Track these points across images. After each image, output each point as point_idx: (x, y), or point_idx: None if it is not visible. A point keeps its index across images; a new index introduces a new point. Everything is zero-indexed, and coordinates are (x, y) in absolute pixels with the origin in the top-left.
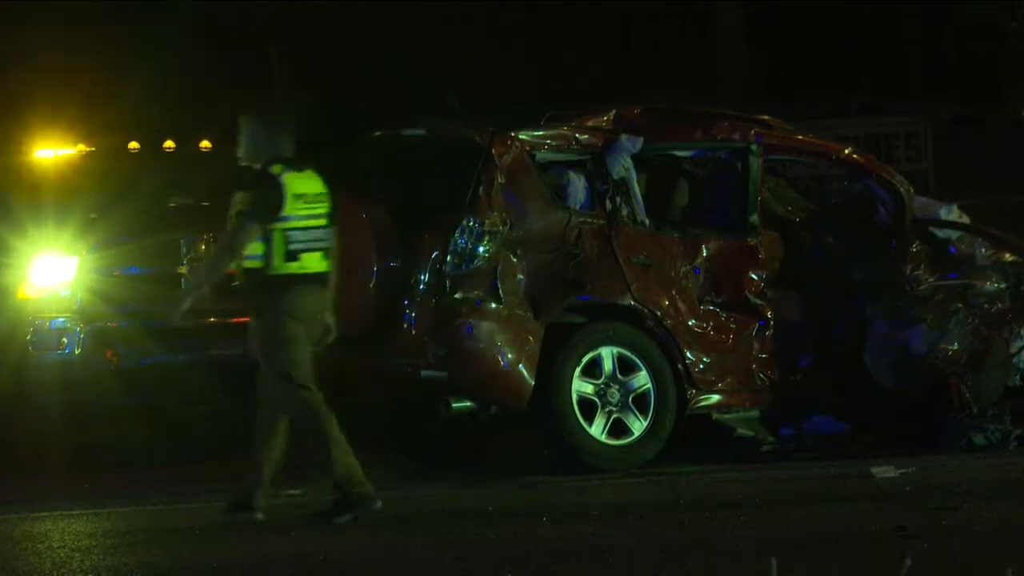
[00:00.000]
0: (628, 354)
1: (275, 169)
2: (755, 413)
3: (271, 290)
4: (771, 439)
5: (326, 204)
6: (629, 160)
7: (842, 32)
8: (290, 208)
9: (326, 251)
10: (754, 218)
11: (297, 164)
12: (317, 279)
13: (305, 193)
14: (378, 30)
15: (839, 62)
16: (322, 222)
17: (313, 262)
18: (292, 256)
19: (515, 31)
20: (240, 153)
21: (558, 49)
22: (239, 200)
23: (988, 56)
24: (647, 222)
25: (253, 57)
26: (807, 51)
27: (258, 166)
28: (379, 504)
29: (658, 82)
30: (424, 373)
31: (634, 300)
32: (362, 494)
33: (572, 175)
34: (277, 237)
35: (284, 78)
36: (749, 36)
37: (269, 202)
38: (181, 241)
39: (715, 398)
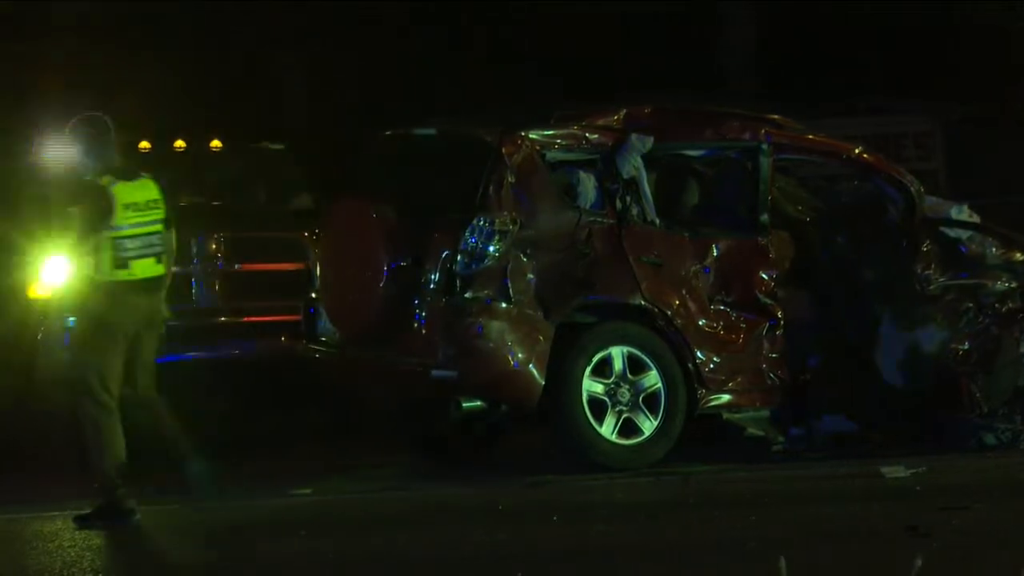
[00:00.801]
0: (638, 353)
1: (103, 180)
2: (765, 413)
3: (97, 297)
4: (781, 439)
5: (160, 210)
6: (639, 159)
7: (844, 32)
8: (120, 218)
9: (159, 256)
10: (764, 217)
11: (129, 173)
12: (145, 285)
13: (136, 202)
14: (378, 30)
15: (842, 62)
16: (156, 228)
17: (143, 268)
18: (122, 264)
19: (515, 31)
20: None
21: (558, 49)
22: (76, 212)
23: (990, 56)
24: (657, 221)
25: (258, 57)
26: (811, 51)
27: (88, 177)
28: (138, 516)
29: (662, 81)
30: (434, 372)
31: (644, 299)
32: (122, 508)
33: (582, 174)
34: (106, 246)
35: (294, 79)
36: (754, 35)
37: (96, 212)
38: (192, 240)
39: (725, 398)
